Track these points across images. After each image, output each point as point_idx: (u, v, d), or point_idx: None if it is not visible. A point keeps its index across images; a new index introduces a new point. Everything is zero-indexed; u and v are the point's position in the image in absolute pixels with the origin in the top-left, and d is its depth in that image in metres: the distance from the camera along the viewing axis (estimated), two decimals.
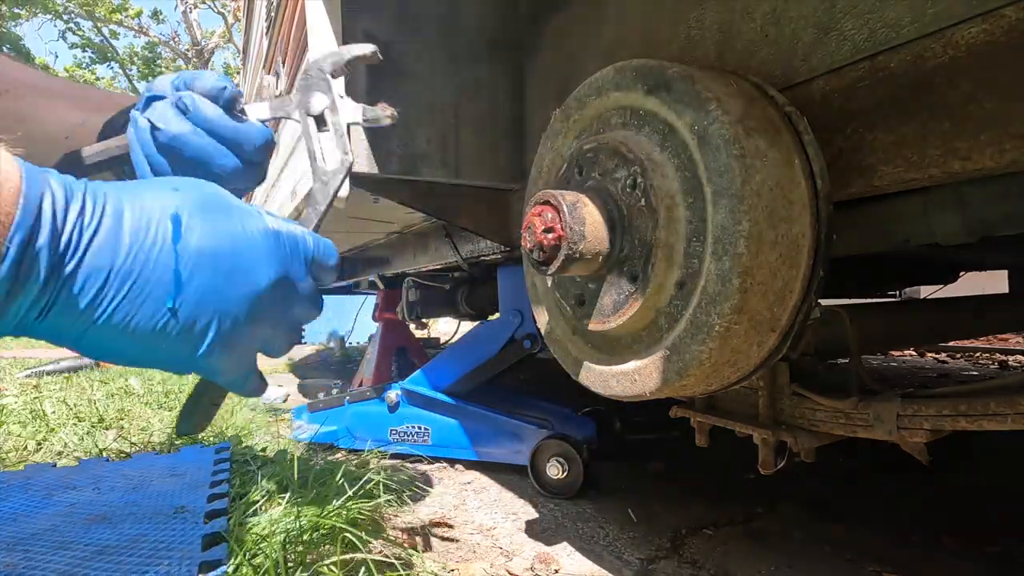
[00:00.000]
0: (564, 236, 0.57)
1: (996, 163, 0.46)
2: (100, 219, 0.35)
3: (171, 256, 0.37)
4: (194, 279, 0.38)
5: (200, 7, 15.23)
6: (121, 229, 0.36)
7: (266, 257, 0.42)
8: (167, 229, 0.37)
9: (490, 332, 1.62)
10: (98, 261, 0.35)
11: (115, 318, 0.36)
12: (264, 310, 0.42)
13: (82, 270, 0.34)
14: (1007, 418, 0.55)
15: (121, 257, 0.35)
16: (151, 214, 0.37)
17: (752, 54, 0.63)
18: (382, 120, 0.61)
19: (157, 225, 0.37)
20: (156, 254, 0.36)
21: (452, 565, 1.00)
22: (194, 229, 0.38)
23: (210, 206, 0.40)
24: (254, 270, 0.41)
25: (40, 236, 0.32)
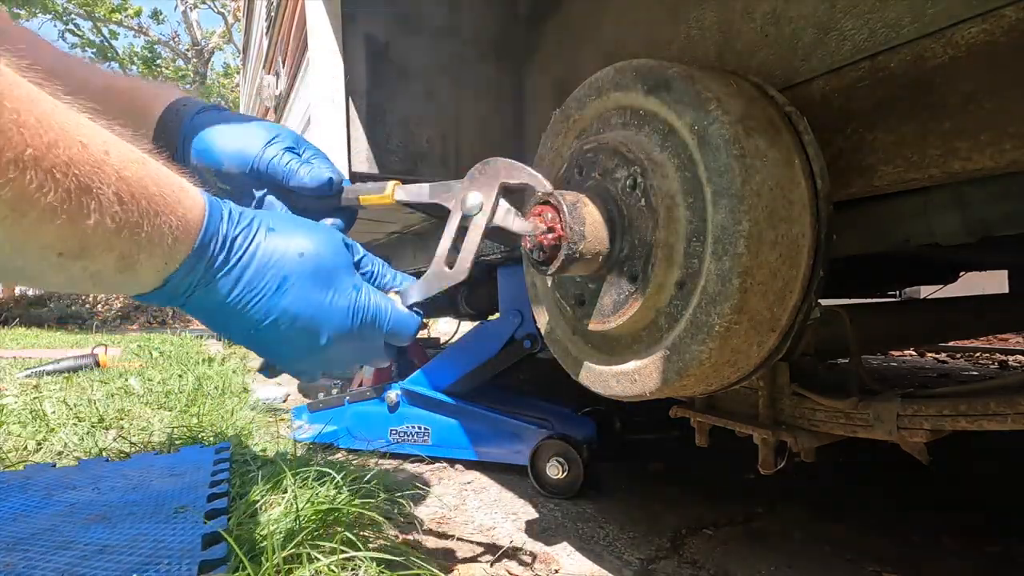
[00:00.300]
0: (564, 236, 0.57)
1: (996, 163, 0.46)
2: (240, 258, 0.49)
3: (266, 304, 0.51)
4: (275, 326, 0.52)
5: (200, 7, 15.24)
6: (247, 272, 0.50)
7: (335, 329, 0.54)
8: (274, 285, 0.51)
9: (490, 332, 1.62)
10: (224, 285, 0.49)
11: (225, 320, 0.51)
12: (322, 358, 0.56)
13: (215, 285, 0.49)
14: (1007, 418, 0.55)
15: (238, 290, 0.50)
16: (269, 270, 0.50)
17: (752, 54, 0.63)
18: (527, 232, 0.58)
19: (270, 279, 0.51)
20: (258, 300, 0.50)
21: (452, 565, 1.00)
22: (290, 293, 0.51)
23: (316, 278, 0.53)
24: (319, 335, 0.54)
25: (200, 263, 0.47)
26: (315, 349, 0.54)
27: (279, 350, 0.54)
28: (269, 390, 2.70)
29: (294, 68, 1.26)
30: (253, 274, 0.50)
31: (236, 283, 0.49)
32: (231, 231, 0.49)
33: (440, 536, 1.13)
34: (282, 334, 0.52)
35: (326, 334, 0.53)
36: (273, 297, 0.50)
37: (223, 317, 0.51)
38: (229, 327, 0.52)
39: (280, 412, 2.20)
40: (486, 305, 2.14)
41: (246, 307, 0.50)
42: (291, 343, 0.53)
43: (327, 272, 0.53)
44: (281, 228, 0.52)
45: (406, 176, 1.02)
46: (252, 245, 0.50)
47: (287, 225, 0.53)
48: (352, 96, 0.95)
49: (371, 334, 0.57)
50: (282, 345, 0.53)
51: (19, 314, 11.06)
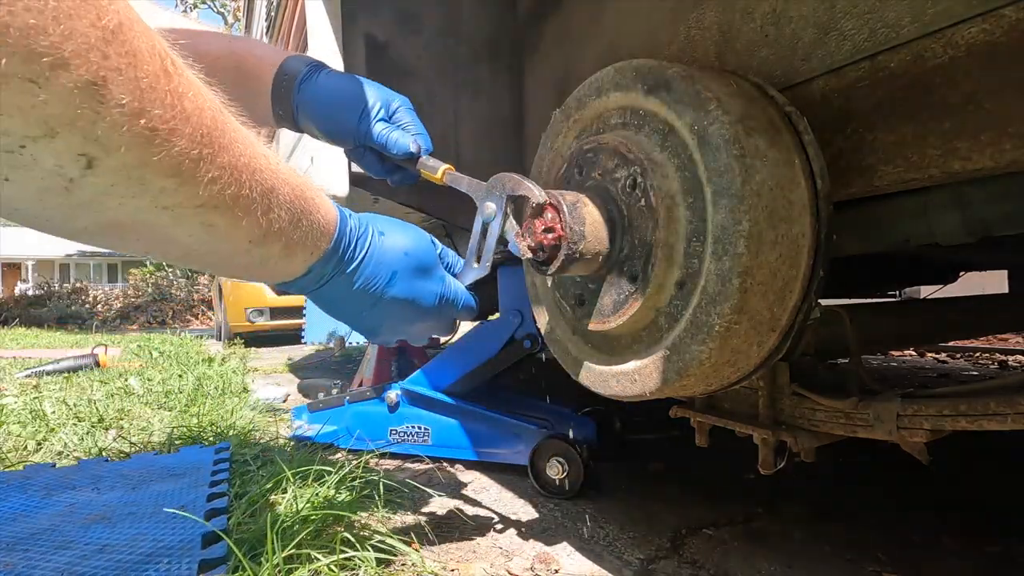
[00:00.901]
0: (564, 236, 0.57)
1: (996, 163, 0.46)
2: (363, 257, 0.60)
3: (380, 291, 0.62)
4: (384, 305, 0.63)
5: (200, 7, 15.23)
6: (368, 266, 0.61)
7: (429, 306, 0.66)
8: (387, 277, 0.62)
9: (490, 332, 1.62)
10: (351, 276, 0.60)
11: (345, 304, 0.63)
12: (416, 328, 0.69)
13: (344, 277, 0.60)
14: (1007, 418, 0.55)
15: (360, 281, 0.61)
16: (382, 268, 0.62)
17: (752, 54, 0.63)
18: (521, 252, 0.65)
19: (384, 272, 0.62)
20: (372, 290, 0.62)
21: (452, 565, 1.00)
22: (397, 284, 0.63)
23: (416, 271, 0.64)
24: (418, 311, 0.66)
25: (335, 256, 0.58)
26: (409, 324, 0.67)
27: (380, 325, 0.66)
28: (269, 390, 2.71)
29: None
30: (373, 268, 0.61)
31: (359, 275, 0.60)
32: (355, 232, 0.60)
33: (440, 536, 1.13)
34: (387, 314, 0.64)
35: (419, 313, 0.66)
36: (386, 287, 0.62)
37: (343, 302, 0.62)
38: (346, 310, 0.64)
39: (280, 412, 2.20)
40: (486, 305, 2.14)
41: (365, 293, 0.61)
42: (392, 320, 0.66)
43: (423, 266, 0.65)
44: (388, 231, 0.64)
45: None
46: (370, 245, 0.61)
47: (392, 228, 0.65)
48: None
49: (449, 312, 0.69)
50: (384, 321, 0.66)
51: (19, 314, 11.06)
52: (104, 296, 14.28)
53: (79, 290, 14.09)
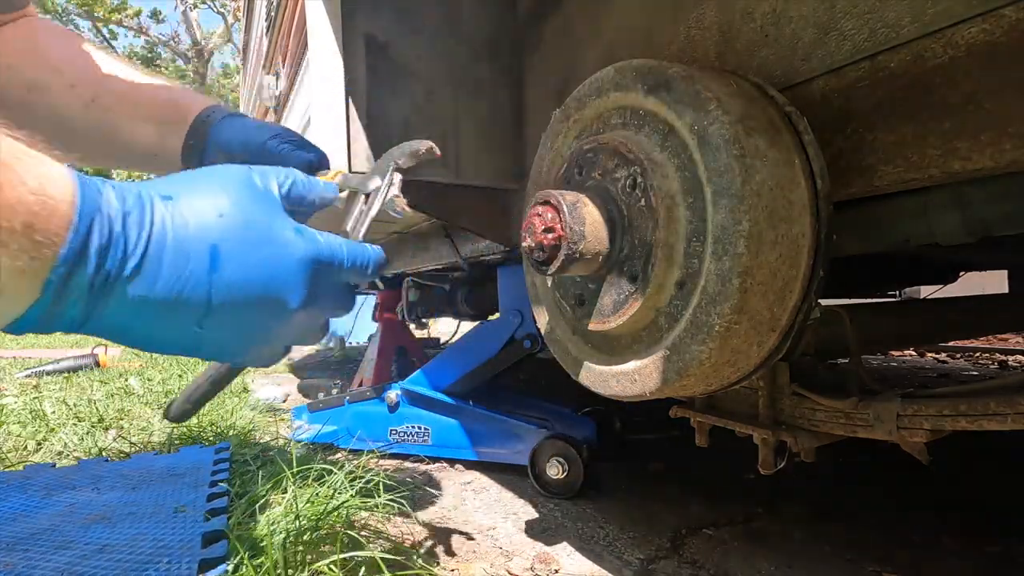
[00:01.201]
0: (564, 236, 0.57)
1: (996, 163, 0.46)
2: (146, 245, 0.39)
3: (205, 288, 0.41)
4: (223, 306, 0.42)
5: (200, 7, 15.24)
6: (162, 265, 0.39)
7: (298, 284, 0.45)
8: (205, 262, 0.41)
9: (490, 332, 1.62)
10: (136, 291, 0.39)
11: (150, 335, 0.42)
12: (291, 325, 0.47)
13: (118, 294, 0.38)
14: (1007, 418, 0.55)
15: (162, 283, 0.39)
16: (191, 247, 0.40)
17: (752, 54, 0.63)
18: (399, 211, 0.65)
19: (197, 255, 0.41)
20: (191, 286, 0.40)
21: (452, 565, 1.00)
22: (229, 261, 0.42)
23: (251, 235, 0.43)
24: (284, 298, 0.45)
25: (85, 260, 0.36)
26: (284, 316, 0.45)
27: (240, 337, 0.44)
28: (269, 390, 2.70)
29: (294, 68, 1.26)
30: (174, 257, 0.39)
31: (151, 275, 0.38)
32: (119, 211, 0.37)
33: (440, 536, 1.13)
34: (241, 314, 0.43)
35: (292, 293, 0.45)
36: (210, 275, 0.40)
37: (149, 325, 0.40)
38: (164, 334, 0.42)
39: (280, 412, 2.20)
40: (486, 305, 2.14)
41: (181, 300, 0.40)
42: (254, 321, 0.44)
43: (260, 223, 0.44)
44: (180, 191, 0.42)
45: (405, 176, 1.02)
46: (153, 222, 0.39)
47: (184, 186, 0.43)
48: (352, 96, 0.95)
49: (334, 276, 0.49)
50: (243, 329, 0.44)
51: None
52: None
53: None
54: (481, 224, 1.19)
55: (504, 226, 1.19)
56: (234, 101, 14.97)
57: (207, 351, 0.45)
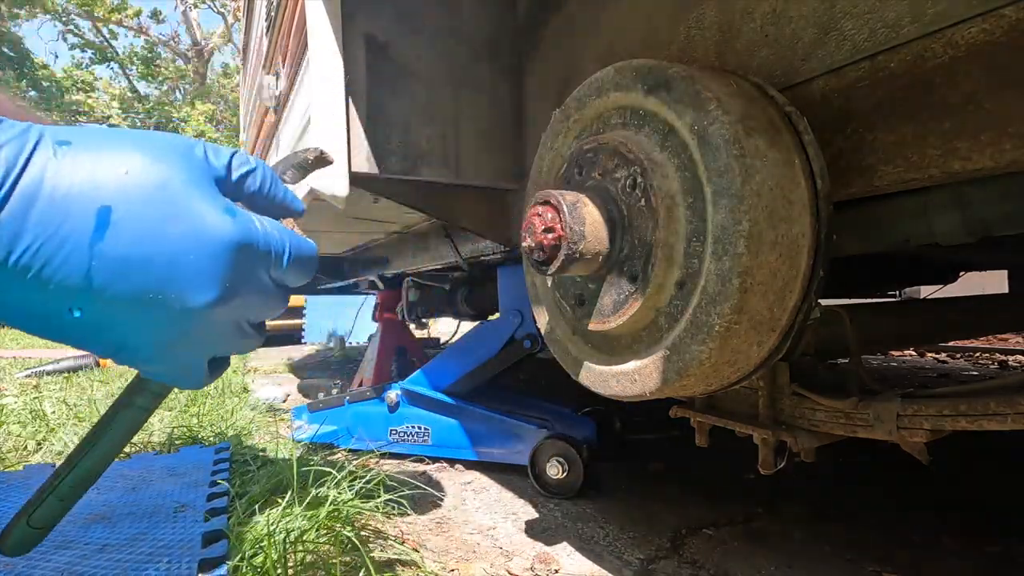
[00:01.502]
0: (564, 236, 0.57)
1: (996, 163, 0.46)
2: (3, 198, 0.29)
3: (83, 260, 0.31)
4: (109, 289, 0.31)
5: (200, 7, 15.24)
6: (26, 220, 0.29)
7: (215, 274, 0.34)
8: (89, 224, 0.31)
9: (490, 332, 1.62)
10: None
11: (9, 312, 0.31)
12: (204, 325, 0.36)
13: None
14: (1007, 418, 0.55)
15: (17, 250, 0.29)
16: (74, 202, 0.30)
17: (752, 54, 0.63)
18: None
19: (77, 217, 0.30)
20: (64, 253, 0.30)
21: (452, 565, 1.00)
22: (125, 230, 0.31)
23: (162, 202, 0.33)
24: (193, 288, 0.33)
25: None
26: (193, 311, 0.34)
27: (135, 333, 0.33)
28: (269, 390, 2.70)
29: (294, 68, 1.26)
30: (45, 212, 0.30)
31: (15, 233, 0.29)
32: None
33: (440, 536, 1.13)
34: (134, 302, 0.32)
35: (206, 283, 0.34)
36: (95, 245, 0.31)
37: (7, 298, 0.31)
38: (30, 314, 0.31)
39: (280, 412, 2.20)
40: (486, 305, 2.14)
41: (48, 271, 0.30)
42: (152, 314, 0.33)
43: (178, 190, 0.34)
44: (84, 138, 0.33)
45: (405, 176, 1.02)
46: (34, 163, 0.30)
47: (94, 135, 0.34)
48: (352, 96, 0.95)
49: (265, 271, 0.38)
50: (138, 322, 0.33)
51: None
52: None
53: None
54: (481, 224, 1.19)
55: (504, 226, 1.19)
56: (234, 101, 14.98)
57: (95, 346, 0.34)
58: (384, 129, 0.98)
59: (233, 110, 15.05)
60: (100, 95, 15.35)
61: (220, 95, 16.10)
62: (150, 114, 15.43)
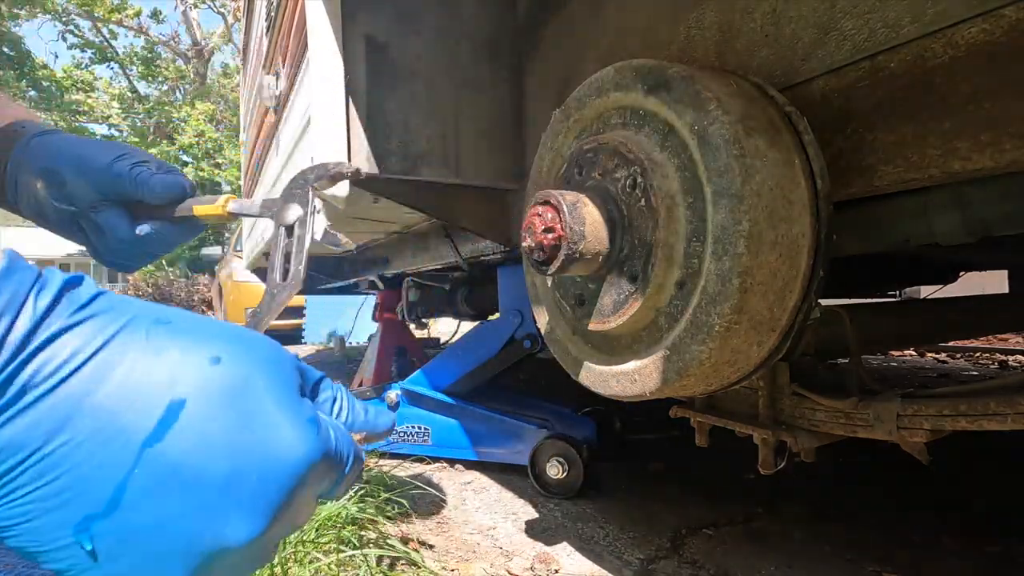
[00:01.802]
0: (564, 236, 0.57)
1: (996, 163, 0.46)
2: (71, 374, 0.22)
3: (127, 463, 0.23)
4: (142, 506, 0.23)
5: (200, 7, 15.24)
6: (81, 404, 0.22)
7: (270, 502, 0.25)
8: (151, 421, 0.23)
9: (490, 332, 1.62)
10: (22, 437, 0.21)
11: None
12: (220, 566, 0.25)
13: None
14: (1007, 418, 0.55)
15: (57, 439, 0.22)
16: (147, 386, 0.23)
17: (752, 54, 0.63)
18: (342, 244, 0.63)
19: (143, 408, 0.23)
20: (104, 455, 0.22)
21: (452, 565, 1.00)
22: (188, 432, 0.24)
23: (242, 399, 0.25)
24: (238, 517, 0.24)
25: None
26: (211, 554, 0.24)
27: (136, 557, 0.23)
28: None
29: (294, 68, 1.26)
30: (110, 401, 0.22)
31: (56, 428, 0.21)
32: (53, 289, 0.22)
33: (440, 536, 1.13)
34: (155, 525, 0.23)
35: (252, 513, 0.24)
36: (145, 445, 0.23)
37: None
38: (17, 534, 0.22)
39: None
40: (486, 305, 2.14)
41: (73, 475, 0.22)
42: (168, 541, 0.23)
43: (263, 391, 0.26)
44: (182, 319, 0.27)
45: (406, 176, 1.02)
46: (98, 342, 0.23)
47: (190, 323, 0.27)
48: (352, 96, 0.95)
49: (314, 498, 0.30)
50: (144, 546, 0.23)
51: None
52: None
53: None
54: (481, 224, 1.19)
55: (504, 226, 1.19)
56: (234, 101, 14.98)
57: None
58: (384, 129, 0.98)
59: (233, 110, 15.05)
60: (100, 95, 15.36)
61: (220, 95, 16.10)
62: (150, 114, 15.44)
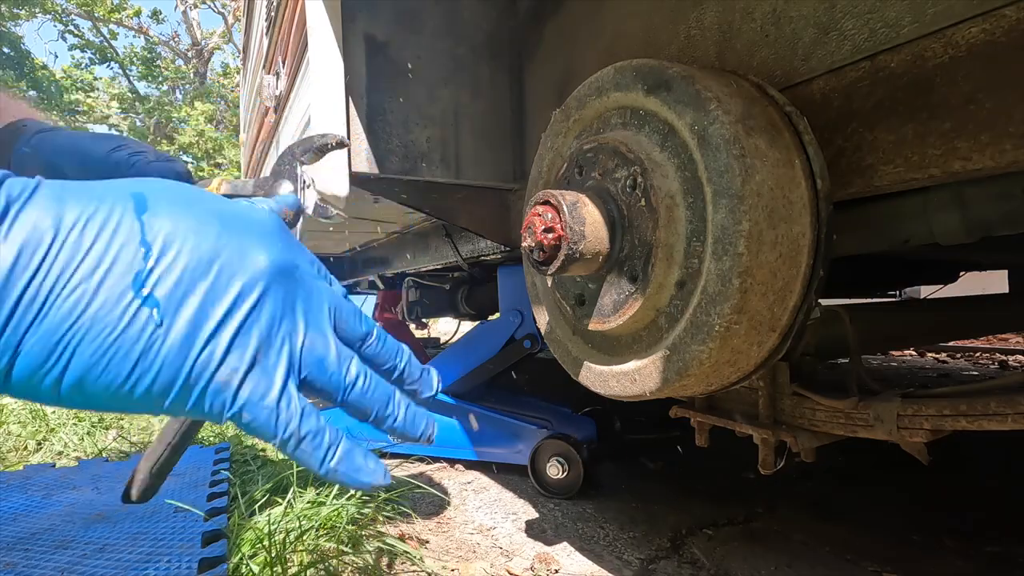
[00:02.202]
0: (564, 236, 0.57)
1: (996, 163, 0.46)
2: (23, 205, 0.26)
3: (134, 227, 0.28)
4: (168, 250, 0.28)
5: (200, 7, 15.24)
6: (60, 215, 0.26)
7: (269, 234, 0.32)
8: (128, 206, 0.28)
9: (490, 332, 1.62)
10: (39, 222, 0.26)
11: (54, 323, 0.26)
12: (285, 292, 0.31)
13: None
14: (1007, 418, 0.55)
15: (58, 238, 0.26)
16: (101, 199, 0.28)
17: (752, 54, 0.63)
18: (332, 216, 0.62)
19: (112, 205, 0.28)
20: (113, 227, 0.27)
21: (452, 565, 1.00)
22: (162, 204, 0.29)
23: (185, 191, 0.31)
24: (253, 247, 0.31)
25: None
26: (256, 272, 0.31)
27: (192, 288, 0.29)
28: None
29: (294, 68, 1.26)
30: (73, 212, 0.27)
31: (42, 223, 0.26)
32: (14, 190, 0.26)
33: (440, 536, 1.13)
34: (190, 258, 0.29)
35: (261, 247, 0.31)
36: (138, 214, 0.28)
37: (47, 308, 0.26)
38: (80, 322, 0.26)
39: None
40: (486, 305, 2.14)
41: (98, 250, 0.27)
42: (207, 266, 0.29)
43: (191, 189, 0.32)
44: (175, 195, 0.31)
45: (405, 176, 1.02)
46: (42, 191, 0.27)
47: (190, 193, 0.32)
48: (352, 96, 0.95)
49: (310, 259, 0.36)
50: (193, 279, 0.29)
51: None
52: None
53: None
54: (481, 224, 1.19)
55: (504, 226, 1.19)
56: (234, 101, 14.98)
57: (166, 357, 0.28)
58: (384, 129, 0.98)
59: (233, 110, 15.05)
60: (100, 95, 15.35)
61: (220, 95, 16.10)
62: (150, 114, 15.43)
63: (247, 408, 0.30)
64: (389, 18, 0.98)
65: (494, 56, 1.09)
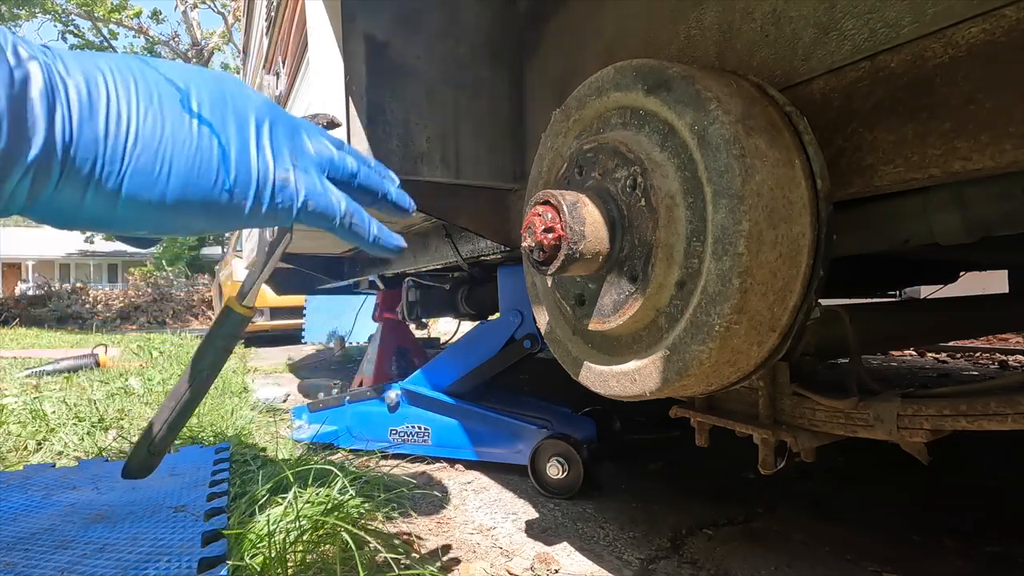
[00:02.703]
0: (564, 236, 0.57)
1: (996, 163, 0.46)
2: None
3: (154, 67, 0.35)
4: (190, 84, 0.36)
5: (200, 7, 15.24)
6: (96, 60, 0.33)
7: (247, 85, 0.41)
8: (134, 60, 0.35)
9: (490, 332, 1.62)
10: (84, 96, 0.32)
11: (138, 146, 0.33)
12: (281, 119, 0.41)
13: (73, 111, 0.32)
14: (1007, 418, 0.55)
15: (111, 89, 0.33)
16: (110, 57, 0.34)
17: (752, 54, 0.63)
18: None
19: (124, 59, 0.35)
20: (138, 68, 0.35)
21: (452, 565, 1.00)
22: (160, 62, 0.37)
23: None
24: (244, 89, 0.40)
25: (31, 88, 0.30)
26: (265, 101, 0.41)
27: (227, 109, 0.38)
28: (269, 390, 2.71)
29: (294, 68, 1.26)
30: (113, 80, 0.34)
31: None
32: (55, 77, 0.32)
33: (440, 536, 1.13)
34: (216, 91, 0.37)
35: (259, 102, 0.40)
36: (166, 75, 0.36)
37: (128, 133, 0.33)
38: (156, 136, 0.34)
39: (280, 412, 2.20)
40: (486, 305, 2.14)
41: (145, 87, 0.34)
42: (232, 98, 0.38)
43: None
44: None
45: (405, 176, 1.02)
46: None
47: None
48: (352, 96, 0.95)
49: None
50: (225, 101, 0.38)
51: (19, 314, 11.07)
52: (104, 296, 14.26)
53: (79, 290, 14.07)
54: (481, 224, 1.19)
55: (504, 226, 1.19)
56: None
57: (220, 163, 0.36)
58: (384, 129, 0.98)
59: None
60: None
61: None
62: None
63: (310, 197, 0.40)
64: (389, 18, 0.98)
65: (494, 56, 1.09)
